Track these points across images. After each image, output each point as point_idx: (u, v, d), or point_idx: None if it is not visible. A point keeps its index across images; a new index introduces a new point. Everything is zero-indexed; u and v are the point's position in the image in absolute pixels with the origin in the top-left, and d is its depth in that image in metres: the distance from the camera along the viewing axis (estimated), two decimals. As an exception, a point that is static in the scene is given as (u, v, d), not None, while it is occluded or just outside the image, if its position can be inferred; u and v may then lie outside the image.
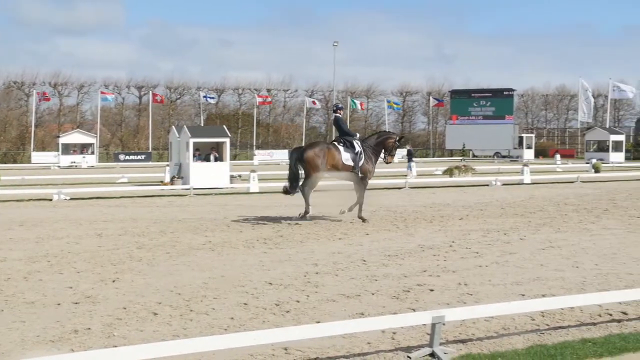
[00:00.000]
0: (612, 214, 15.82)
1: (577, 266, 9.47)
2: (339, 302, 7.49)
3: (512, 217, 15.40)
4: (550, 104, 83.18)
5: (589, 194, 21.71)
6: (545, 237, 12.25)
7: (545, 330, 6.37)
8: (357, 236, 12.44)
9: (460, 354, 5.65)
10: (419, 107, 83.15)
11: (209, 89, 71.76)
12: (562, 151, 63.24)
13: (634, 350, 5.67)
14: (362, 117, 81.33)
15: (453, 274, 8.95)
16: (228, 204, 18.84)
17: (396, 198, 20.76)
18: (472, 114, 69.74)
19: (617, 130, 57.47)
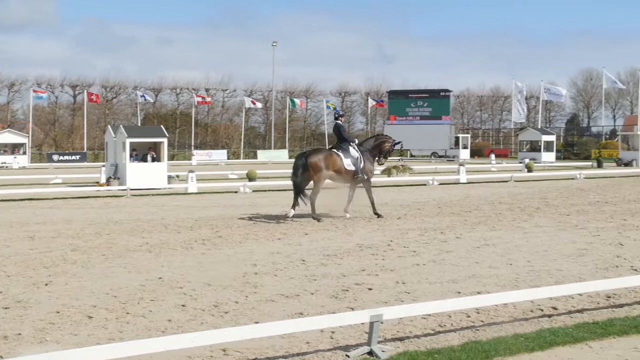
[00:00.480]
0: (543, 212, 16.28)
1: (511, 263, 9.71)
2: (278, 302, 7.48)
3: (449, 216, 15.67)
4: (485, 105, 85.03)
5: (522, 193, 22.28)
6: (480, 235, 12.51)
7: (480, 326, 6.51)
8: (296, 236, 12.45)
9: (398, 351, 5.71)
10: (358, 108, 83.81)
11: (146, 88, 70.71)
12: (497, 151, 64.68)
13: (562, 344, 5.85)
14: (301, 117, 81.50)
15: (391, 273, 9.05)
16: (166, 205, 18.60)
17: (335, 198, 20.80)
18: (410, 114, 70.67)
19: (548, 131, 59.19)
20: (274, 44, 70.18)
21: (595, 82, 77.70)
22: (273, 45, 70.15)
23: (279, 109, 77.61)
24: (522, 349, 5.71)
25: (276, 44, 70.49)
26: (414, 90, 72.46)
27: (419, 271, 9.18)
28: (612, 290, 7.64)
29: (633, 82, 67.61)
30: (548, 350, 5.71)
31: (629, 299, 7.57)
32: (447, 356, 5.51)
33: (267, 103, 76.60)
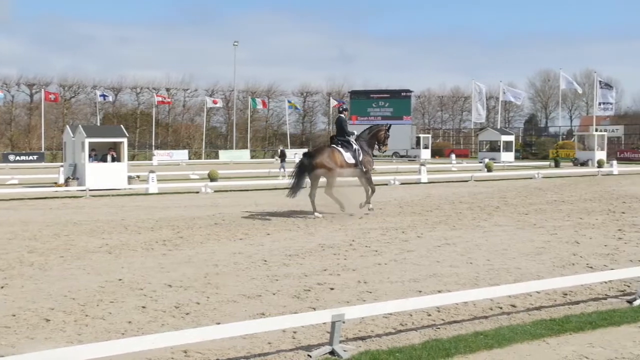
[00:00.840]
0: (503, 212, 16.50)
1: (471, 262, 9.82)
2: (239, 303, 7.45)
3: (410, 215, 15.79)
4: (445, 105, 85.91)
5: (482, 192, 22.56)
6: (441, 234, 12.64)
7: (440, 325, 6.58)
8: (258, 236, 12.42)
9: (359, 350, 5.74)
10: (320, 108, 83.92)
11: (106, 87, 69.78)
12: (457, 151, 65.37)
13: (521, 340, 5.94)
14: (263, 117, 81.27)
15: (353, 273, 9.09)
16: (126, 206, 18.38)
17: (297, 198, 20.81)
18: (372, 114, 70.95)
19: (507, 131, 60.04)
20: (236, 43, 69.90)
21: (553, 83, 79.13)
22: (234, 44, 69.86)
23: (240, 108, 77.30)
24: (481, 346, 5.78)
25: (237, 43, 70.20)
26: (375, 90, 72.84)
27: (381, 270, 9.23)
28: (568, 288, 7.79)
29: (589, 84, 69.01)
30: (507, 347, 5.79)
31: (585, 295, 7.73)
32: (408, 355, 5.56)
33: (228, 103, 76.22)
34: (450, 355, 5.57)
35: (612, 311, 6.93)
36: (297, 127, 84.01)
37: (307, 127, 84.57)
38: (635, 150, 54.71)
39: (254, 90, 78.24)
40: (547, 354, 5.65)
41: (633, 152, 54.54)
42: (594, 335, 6.14)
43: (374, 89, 73.24)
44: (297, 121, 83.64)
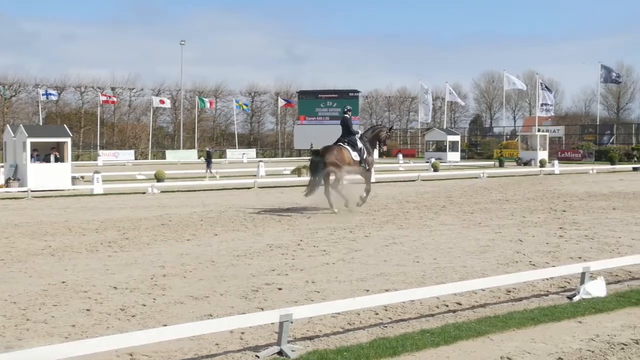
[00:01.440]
0: (449, 211, 16.75)
1: (418, 261, 9.94)
2: (187, 304, 7.38)
3: (358, 215, 15.88)
4: (392, 106, 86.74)
5: (429, 192, 22.85)
6: (388, 233, 12.75)
7: (388, 323, 6.63)
8: (205, 237, 12.32)
9: (307, 350, 5.75)
10: (268, 108, 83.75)
11: (49, 86, 68.22)
12: (404, 151, 66.03)
13: (466, 338, 6.04)
14: (210, 117, 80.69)
15: (301, 272, 9.10)
16: (70, 207, 18.01)
17: (245, 198, 20.79)
18: (320, 114, 71.22)
19: (453, 131, 60.97)
20: (182, 42, 69.24)
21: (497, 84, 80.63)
22: (181, 44, 69.19)
23: (188, 108, 76.57)
24: (428, 344, 5.86)
25: (184, 42, 69.56)
26: (323, 90, 73.11)
27: (329, 270, 9.26)
28: (511, 285, 7.95)
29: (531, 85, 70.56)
30: (453, 345, 5.88)
31: (527, 292, 7.90)
32: (356, 354, 5.59)
33: (175, 102, 75.40)
34: (398, 354, 5.63)
35: (553, 307, 7.10)
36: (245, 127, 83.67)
37: (255, 127, 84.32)
38: (576, 151, 56.20)
39: (202, 89, 77.65)
40: (491, 350, 5.76)
41: (573, 152, 56.01)
42: (536, 331, 6.28)
43: (322, 89, 73.51)
44: (245, 121, 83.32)
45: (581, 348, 5.80)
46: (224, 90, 79.44)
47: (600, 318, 6.74)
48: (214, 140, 79.14)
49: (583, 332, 6.26)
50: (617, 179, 30.04)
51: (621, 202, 18.80)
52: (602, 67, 59.16)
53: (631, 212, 16.19)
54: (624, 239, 11.99)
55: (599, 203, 18.63)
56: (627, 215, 15.66)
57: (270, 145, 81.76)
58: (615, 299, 7.46)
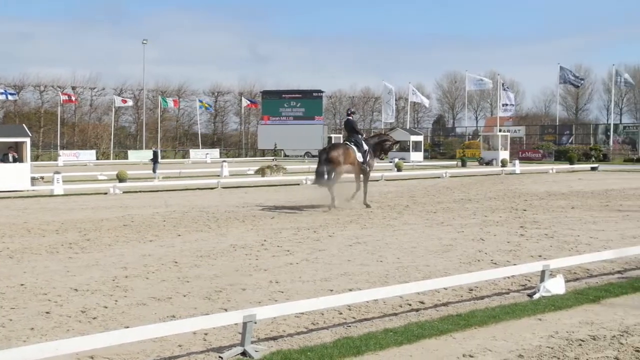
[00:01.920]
0: (412, 210, 16.87)
1: (381, 260, 9.99)
2: (149, 306, 7.31)
3: (322, 214, 15.91)
4: (356, 106, 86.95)
5: (392, 192, 22.98)
6: (352, 233, 12.79)
7: (351, 323, 6.66)
8: (168, 237, 12.22)
9: (271, 351, 5.74)
10: (231, 108, 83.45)
11: (7, 85, 66.94)
12: (368, 151, 66.19)
13: (429, 336, 6.10)
14: (173, 116, 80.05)
15: (265, 273, 9.08)
16: (29, 208, 17.70)
17: (209, 198, 20.67)
18: (283, 114, 71.18)
19: (416, 131, 61.46)
20: (145, 41, 68.59)
21: (459, 85, 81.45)
22: (143, 43, 68.53)
23: (150, 108, 75.87)
24: (391, 343, 5.89)
25: (147, 41, 68.89)
26: (287, 90, 73.08)
27: (293, 270, 9.26)
28: (474, 284, 8.04)
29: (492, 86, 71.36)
30: (416, 343, 5.93)
31: (489, 291, 8.00)
32: (320, 353, 5.60)
33: (138, 102, 74.65)
34: (361, 353, 5.65)
35: (514, 305, 7.20)
36: (209, 127, 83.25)
37: (219, 127, 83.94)
38: (536, 150, 57.09)
39: (165, 89, 77.03)
40: (454, 348, 5.82)
41: (533, 152, 56.90)
42: (497, 329, 6.37)
43: (286, 89, 73.49)
44: (209, 121, 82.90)
45: (541, 345, 5.89)
46: (187, 90, 78.96)
47: (559, 315, 6.86)
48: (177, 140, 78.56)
49: (543, 329, 6.36)
50: (575, 179, 30.60)
51: (580, 201, 19.15)
52: (561, 68, 60.18)
53: (589, 211, 16.50)
54: (583, 237, 12.21)
55: (559, 202, 18.95)
56: (586, 214, 15.96)
57: (234, 145, 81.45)
58: (574, 296, 7.60)
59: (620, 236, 12.33)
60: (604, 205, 17.98)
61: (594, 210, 16.83)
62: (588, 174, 35.91)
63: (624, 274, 9.03)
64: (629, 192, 22.44)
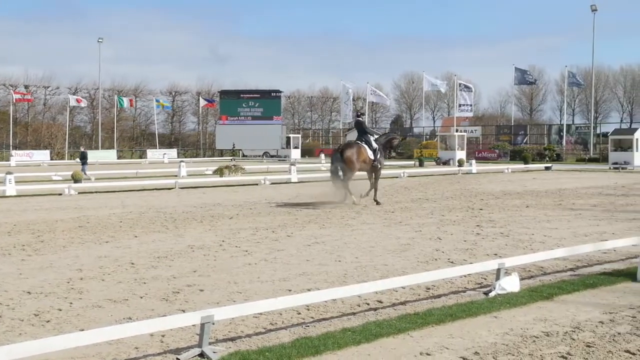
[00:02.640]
0: (370, 210, 16.96)
1: (340, 260, 10.02)
2: (105, 308, 7.21)
3: (280, 215, 15.89)
4: (315, 106, 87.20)
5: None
6: (310, 233, 12.81)
7: (310, 322, 6.67)
8: (125, 239, 12.07)
9: (229, 351, 5.71)
10: (189, 107, 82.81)
11: (-44, 83, 65.31)
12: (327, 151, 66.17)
13: (387, 335, 6.14)
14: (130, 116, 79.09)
15: (223, 273, 9.03)
16: (-20, 209, 17.29)
17: (166, 199, 20.47)
18: (242, 114, 70.86)
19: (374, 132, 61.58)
20: (100, 40, 67.59)
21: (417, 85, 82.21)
22: (99, 41, 67.53)
23: (106, 107, 74.83)
24: (349, 342, 5.92)
25: (102, 40, 67.91)
26: (245, 90, 72.78)
27: (251, 270, 9.23)
28: (431, 282, 8.12)
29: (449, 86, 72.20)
30: (374, 342, 5.96)
31: (446, 289, 8.10)
32: (278, 354, 5.59)
33: (93, 102, 73.55)
34: (320, 352, 5.66)
35: (470, 303, 7.30)
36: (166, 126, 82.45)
37: (177, 126, 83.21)
38: (492, 150, 57.90)
39: (121, 88, 76.06)
40: (411, 347, 5.87)
41: (490, 151, 57.70)
42: (454, 327, 6.45)
43: (244, 89, 73.20)
44: (166, 121, 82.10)
45: (496, 342, 5.99)
46: (144, 89, 78.10)
47: (514, 312, 6.97)
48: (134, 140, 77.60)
49: (498, 327, 6.46)
50: (530, 178, 31.15)
51: (534, 200, 19.50)
52: (516, 69, 61.17)
53: (543, 210, 16.82)
54: (537, 235, 12.44)
55: (514, 201, 19.27)
56: (540, 212, 16.25)
57: (191, 145, 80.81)
58: (528, 293, 7.73)
59: (572, 234, 12.59)
60: (557, 204, 18.34)
61: (547, 209, 17.16)
62: (542, 173, 36.60)
63: (576, 271, 9.22)
64: (581, 191, 22.93)
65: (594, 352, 5.70)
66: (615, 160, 41.55)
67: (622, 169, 39.80)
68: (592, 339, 6.04)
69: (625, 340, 6.01)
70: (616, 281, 8.44)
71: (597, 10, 56.55)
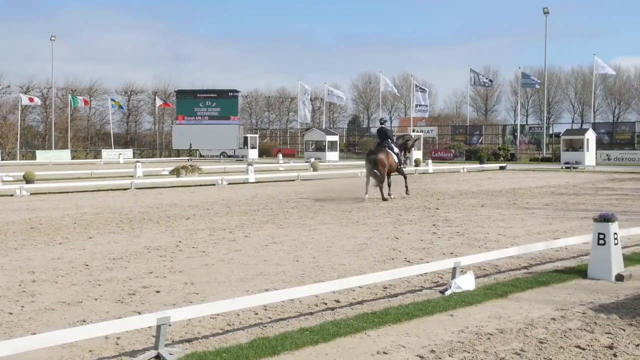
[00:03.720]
0: (327, 210, 17.00)
1: (297, 260, 10.02)
2: (58, 311, 7.08)
3: (238, 215, 15.83)
4: (272, 106, 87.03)
5: (308, 191, 23.09)
6: (268, 233, 12.78)
7: (267, 323, 6.65)
8: (79, 240, 11.87)
9: (186, 353, 5.67)
10: (145, 107, 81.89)
11: None
12: (284, 151, 66.46)
13: (344, 334, 6.16)
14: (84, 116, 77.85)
15: (180, 274, 8.95)
16: None
17: (122, 199, 20.20)
18: (199, 114, 70.35)
19: (332, 131, 62.01)
20: (53, 38, 66.38)
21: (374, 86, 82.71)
22: (52, 39, 66.30)
23: (60, 107, 73.51)
24: (307, 342, 5.92)
25: (55, 38, 66.71)
26: (202, 90, 72.28)
27: (208, 271, 9.17)
28: (388, 281, 8.18)
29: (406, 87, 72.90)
30: (331, 342, 5.98)
31: (403, 288, 8.16)
32: (235, 354, 5.57)
33: (46, 101, 72.14)
34: (277, 353, 5.66)
35: (426, 301, 7.37)
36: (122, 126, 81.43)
37: (132, 126, 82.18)
38: (448, 150, 58.60)
39: (75, 88, 74.76)
40: (368, 346, 5.90)
41: (446, 151, 58.40)
42: (411, 325, 6.50)
43: (201, 89, 72.70)
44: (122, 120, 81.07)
45: (452, 340, 6.06)
46: (98, 88, 76.98)
47: (469, 310, 7.07)
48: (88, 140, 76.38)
49: (454, 325, 6.54)
50: (485, 178, 31.61)
51: (489, 200, 19.80)
52: (471, 70, 61.99)
53: (498, 209, 17.08)
54: (491, 234, 12.63)
55: (469, 201, 19.53)
56: (494, 211, 16.51)
57: (148, 145, 79.90)
58: (483, 291, 7.85)
59: (526, 233, 12.82)
60: (512, 203, 18.65)
61: (502, 208, 17.43)
62: (497, 173, 37.18)
63: (529, 269, 9.39)
64: (535, 191, 23.36)
65: (546, 348, 5.81)
66: (566, 160, 42.43)
67: (574, 168, 40.67)
68: (544, 335, 6.16)
69: (576, 336, 6.14)
70: (568, 278, 8.63)
71: (549, 12, 57.67)
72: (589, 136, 43.10)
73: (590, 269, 8.76)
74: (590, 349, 5.78)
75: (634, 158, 48.30)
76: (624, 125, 60.66)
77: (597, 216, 8.82)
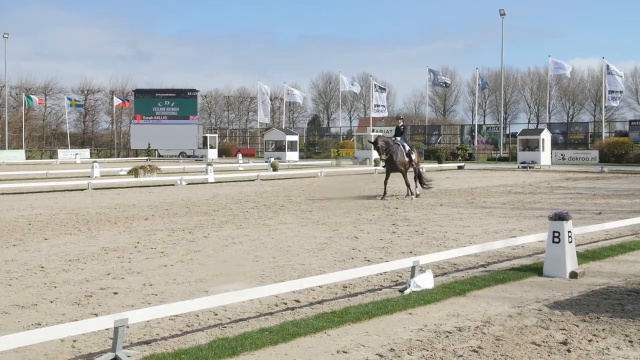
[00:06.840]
0: (287, 210, 16.99)
1: (257, 260, 9.99)
2: (12, 314, 6.94)
3: (197, 215, 15.71)
4: (232, 106, 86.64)
5: (268, 191, 23.05)
6: (228, 233, 12.72)
7: (227, 323, 6.62)
8: (34, 242, 11.65)
9: (144, 355, 5.61)
10: (103, 106, 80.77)
11: None
12: (244, 151, 66.24)
13: (304, 334, 6.17)
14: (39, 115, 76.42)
15: (138, 275, 8.85)
16: None
17: (78, 200, 19.89)
18: (157, 114, 69.69)
19: (292, 131, 61.99)
20: (6, 35, 65.05)
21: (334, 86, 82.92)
22: (4, 37, 64.96)
23: (14, 106, 72.04)
24: (267, 342, 5.91)
25: (8, 36, 65.37)
26: (160, 89, 71.61)
27: (167, 272, 9.09)
28: (348, 281, 8.21)
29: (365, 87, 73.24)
30: (291, 342, 5.98)
31: (362, 287, 8.20)
32: (195, 355, 5.53)
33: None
34: (237, 353, 5.63)
35: (386, 300, 7.42)
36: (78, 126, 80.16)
37: (90, 126, 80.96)
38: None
39: (29, 86, 73.34)
40: (328, 345, 5.92)
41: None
42: (370, 324, 6.54)
43: (160, 88, 72.03)
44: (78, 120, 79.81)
45: (411, 338, 6.11)
46: (54, 87, 75.64)
47: (428, 309, 7.13)
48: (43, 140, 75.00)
49: (413, 323, 6.59)
50: (444, 177, 31.95)
51: (447, 199, 20.01)
52: (430, 71, 62.59)
53: (456, 208, 17.28)
54: (450, 233, 12.77)
55: (428, 200, 19.72)
56: (453, 211, 16.69)
57: (105, 145, 78.81)
58: (442, 290, 7.93)
59: (484, 231, 13.00)
60: (470, 203, 18.89)
61: (460, 207, 17.64)
62: (455, 172, 37.61)
63: (487, 267, 9.52)
64: (492, 190, 23.70)
65: (503, 345, 5.90)
66: (523, 160, 43.15)
67: (530, 167, 41.38)
68: (501, 333, 6.25)
69: (532, 333, 6.25)
70: (524, 276, 8.78)
71: (505, 14, 58.56)
72: (544, 136, 43.89)
73: (546, 266, 8.92)
74: (545, 345, 5.88)
75: (587, 158, 49.37)
76: (577, 126, 62.02)
77: (552, 215, 8.98)
